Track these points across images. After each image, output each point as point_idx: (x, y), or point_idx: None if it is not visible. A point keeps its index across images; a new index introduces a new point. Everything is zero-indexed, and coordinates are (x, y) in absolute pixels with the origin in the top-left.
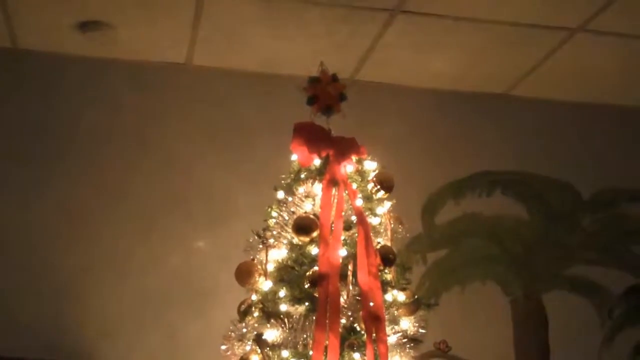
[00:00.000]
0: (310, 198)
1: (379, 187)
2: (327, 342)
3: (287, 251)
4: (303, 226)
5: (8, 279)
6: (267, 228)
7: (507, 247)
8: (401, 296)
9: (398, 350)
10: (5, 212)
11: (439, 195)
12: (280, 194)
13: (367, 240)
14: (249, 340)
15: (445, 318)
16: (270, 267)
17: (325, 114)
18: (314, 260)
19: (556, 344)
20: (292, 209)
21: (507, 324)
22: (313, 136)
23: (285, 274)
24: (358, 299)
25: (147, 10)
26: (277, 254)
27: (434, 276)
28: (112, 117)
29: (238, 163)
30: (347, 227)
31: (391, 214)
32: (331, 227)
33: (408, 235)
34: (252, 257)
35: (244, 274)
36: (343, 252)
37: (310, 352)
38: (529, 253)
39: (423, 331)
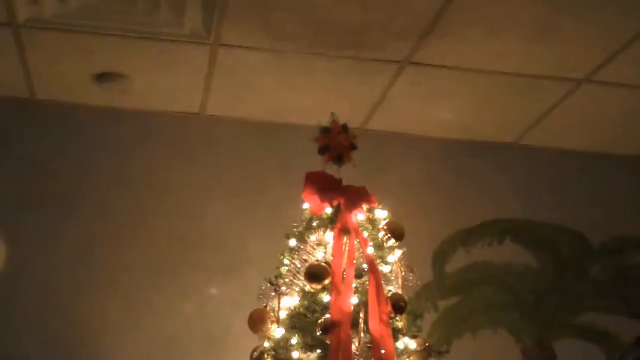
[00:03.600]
0: (322, 246)
1: (389, 235)
2: None
3: (299, 298)
4: (315, 274)
5: (21, 321)
6: (279, 275)
7: (518, 295)
8: (412, 344)
9: None
10: (19, 257)
11: (449, 243)
12: (292, 242)
13: (378, 288)
14: None
15: None
16: (283, 315)
17: (336, 163)
18: (325, 307)
19: None
20: (304, 257)
21: None
22: (324, 185)
23: (297, 321)
24: (369, 346)
25: (163, 61)
26: (289, 301)
27: (445, 324)
28: (126, 165)
29: (250, 211)
30: (359, 274)
31: (402, 262)
32: (343, 274)
33: (419, 282)
34: (264, 304)
35: (257, 321)
36: (354, 299)
37: None
38: (539, 301)
39: None
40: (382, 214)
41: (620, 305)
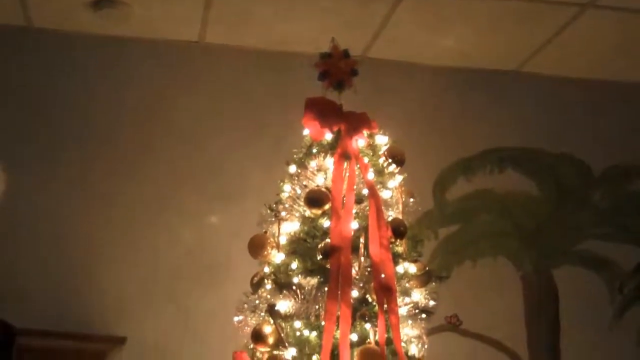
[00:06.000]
0: (322, 172)
1: (390, 161)
2: (339, 313)
3: (299, 224)
4: (315, 199)
5: (23, 254)
6: (279, 202)
7: (518, 223)
8: (412, 268)
9: (409, 322)
10: (19, 190)
11: (450, 172)
12: (293, 168)
13: (379, 213)
14: (261, 312)
15: (457, 293)
16: (283, 240)
17: (336, 89)
18: (325, 232)
19: (566, 319)
20: (304, 183)
21: (518, 299)
22: (325, 111)
23: (298, 247)
24: (369, 271)
25: None
26: (290, 227)
27: (446, 251)
28: (125, 95)
29: (249, 140)
30: (359, 200)
31: (402, 188)
32: (343, 200)
33: (420, 209)
34: (264, 230)
35: (257, 246)
36: (355, 224)
37: (323, 323)
38: (540, 229)
39: (434, 303)
40: (382, 140)
41: (620, 233)
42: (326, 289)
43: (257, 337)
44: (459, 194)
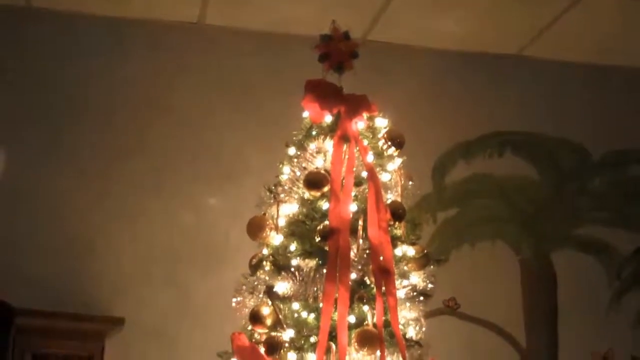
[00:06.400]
0: (322, 154)
1: (389, 143)
2: (337, 295)
3: (298, 206)
4: (314, 181)
5: (21, 234)
6: (278, 183)
7: (517, 207)
8: (411, 251)
9: (407, 304)
10: (18, 170)
11: (450, 156)
12: (292, 150)
13: (378, 196)
14: (260, 293)
15: (455, 276)
16: (282, 222)
17: (336, 71)
18: (324, 215)
19: (564, 303)
20: (303, 165)
21: (516, 282)
22: (325, 93)
23: (296, 229)
24: (368, 253)
25: None
26: (288, 209)
27: (444, 235)
28: (125, 76)
29: (248, 122)
30: (358, 182)
31: (401, 171)
32: (342, 182)
33: (419, 192)
34: (263, 212)
35: (255, 227)
36: (353, 207)
37: (321, 305)
38: (539, 213)
39: (432, 286)
40: (382, 123)
41: (619, 218)
42: (324, 271)
43: (255, 318)
44: (458, 177)
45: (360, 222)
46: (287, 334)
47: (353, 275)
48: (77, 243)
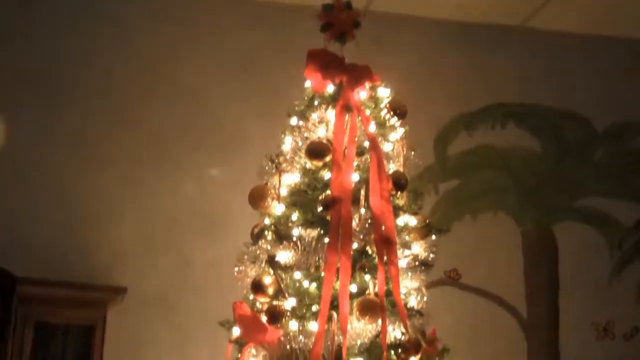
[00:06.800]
0: (324, 124)
1: (392, 113)
2: (338, 264)
3: (300, 176)
4: (316, 151)
5: (23, 201)
6: (280, 153)
7: (519, 179)
8: (413, 220)
9: (409, 274)
10: (21, 138)
11: (452, 127)
12: (294, 120)
13: (380, 166)
14: (262, 263)
15: (456, 247)
16: (284, 192)
17: (338, 41)
18: (326, 184)
19: (566, 274)
20: (305, 135)
21: (518, 254)
22: (327, 62)
23: (298, 198)
24: (370, 223)
25: None
26: (290, 179)
27: (446, 206)
28: (127, 46)
29: (251, 92)
30: (360, 152)
31: (404, 141)
32: (344, 152)
33: (421, 162)
34: (265, 181)
35: (257, 197)
36: (355, 176)
37: (322, 274)
38: (541, 185)
39: (433, 256)
40: (384, 93)
41: (621, 190)
42: (326, 240)
43: (257, 287)
44: (460, 148)
45: (362, 192)
46: (289, 303)
47: (355, 245)
48: (78, 212)
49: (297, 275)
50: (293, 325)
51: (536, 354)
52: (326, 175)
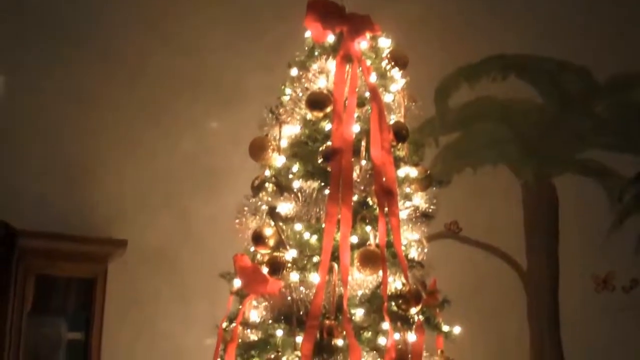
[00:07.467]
0: (324, 74)
1: (392, 64)
2: (339, 215)
3: (300, 127)
4: (317, 101)
5: (22, 157)
6: (280, 104)
7: (520, 131)
8: (413, 172)
9: (409, 225)
10: (17, 95)
11: (453, 79)
12: (294, 71)
13: (381, 116)
14: (262, 214)
15: (457, 200)
16: (284, 143)
17: None
18: (327, 135)
19: (566, 227)
20: (305, 85)
21: (518, 206)
22: (327, 12)
23: (299, 150)
24: (370, 174)
25: None
26: (291, 130)
27: (446, 158)
28: (124, 2)
29: (250, 43)
30: (361, 103)
31: (405, 92)
32: (345, 103)
33: (422, 114)
34: (265, 133)
35: (258, 148)
36: (356, 127)
37: (323, 226)
38: (542, 137)
39: (434, 207)
40: (385, 43)
41: (622, 142)
42: (327, 192)
43: (258, 239)
44: (461, 101)
45: (363, 143)
46: (290, 255)
47: (355, 196)
48: (78, 167)
49: (298, 226)
50: (294, 276)
51: (536, 306)
52: (327, 126)
